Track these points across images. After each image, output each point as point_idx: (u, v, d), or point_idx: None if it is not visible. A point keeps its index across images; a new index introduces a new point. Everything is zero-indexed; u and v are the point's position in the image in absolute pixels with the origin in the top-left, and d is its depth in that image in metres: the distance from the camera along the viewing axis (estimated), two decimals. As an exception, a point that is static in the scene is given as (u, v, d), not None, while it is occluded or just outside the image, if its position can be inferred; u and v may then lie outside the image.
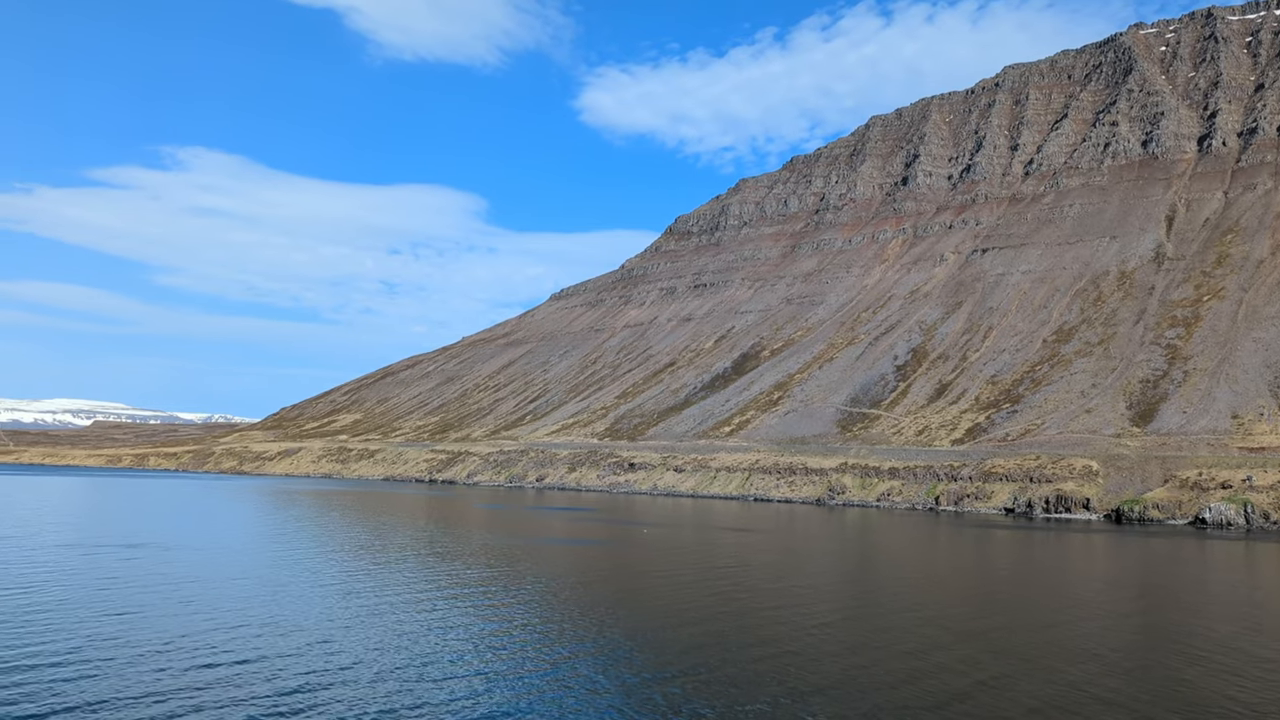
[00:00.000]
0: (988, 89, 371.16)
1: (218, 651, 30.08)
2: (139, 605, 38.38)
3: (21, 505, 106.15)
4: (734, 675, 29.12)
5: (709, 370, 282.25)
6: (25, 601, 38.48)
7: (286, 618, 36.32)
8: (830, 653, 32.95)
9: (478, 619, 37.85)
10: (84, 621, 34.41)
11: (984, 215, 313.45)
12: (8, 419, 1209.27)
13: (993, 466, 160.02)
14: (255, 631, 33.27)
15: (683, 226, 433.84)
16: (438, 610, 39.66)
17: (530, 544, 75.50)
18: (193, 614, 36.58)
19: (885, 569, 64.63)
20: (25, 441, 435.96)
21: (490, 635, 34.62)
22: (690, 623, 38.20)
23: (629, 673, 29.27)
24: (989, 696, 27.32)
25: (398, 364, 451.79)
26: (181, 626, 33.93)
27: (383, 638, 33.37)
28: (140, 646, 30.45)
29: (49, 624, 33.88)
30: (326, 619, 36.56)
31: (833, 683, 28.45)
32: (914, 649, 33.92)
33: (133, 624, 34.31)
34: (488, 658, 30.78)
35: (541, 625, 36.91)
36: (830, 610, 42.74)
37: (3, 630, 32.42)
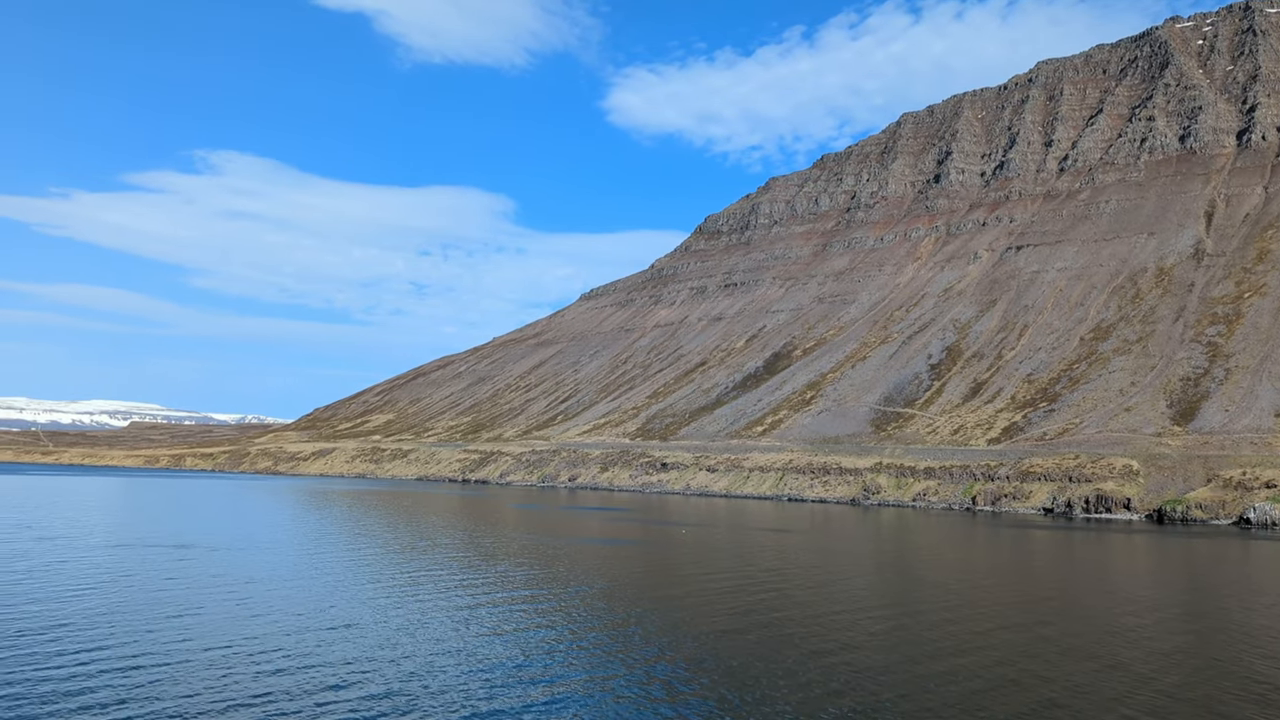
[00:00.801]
0: (1021, 85, 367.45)
1: (284, 655, 30.16)
2: (197, 606, 38.68)
3: (68, 505, 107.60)
4: (794, 683, 28.88)
5: (740, 370, 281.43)
6: (90, 605, 38.87)
7: (345, 620, 36.46)
8: (907, 659, 32.60)
9: (532, 622, 37.83)
10: (148, 623, 34.68)
11: (1018, 212, 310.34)
12: (46, 420, 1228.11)
13: (1030, 466, 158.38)
14: (317, 635, 33.34)
15: (712, 226, 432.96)
16: (490, 612, 39.70)
17: (572, 544, 75.51)
18: (253, 616, 36.80)
19: (934, 570, 63.99)
20: (65, 442, 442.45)
21: (547, 639, 34.57)
22: (749, 625, 37.98)
23: (692, 677, 29.09)
24: (1075, 698, 26.92)
25: (429, 364, 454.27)
26: (243, 629, 34.13)
27: (441, 641, 33.41)
28: (206, 650, 30.60)
29: (114, 626, 34.20)
30: (383, 621, 36.68)
31: (906, 688, 28.13)
32: (1002, 658, 33.52)
33: (194, 626, 34.56)
34: (549, 663, 30.73)
35: (596, 628, 36.82)
36: (889, 611, 42.35)
37: (72, 634, 32.67)
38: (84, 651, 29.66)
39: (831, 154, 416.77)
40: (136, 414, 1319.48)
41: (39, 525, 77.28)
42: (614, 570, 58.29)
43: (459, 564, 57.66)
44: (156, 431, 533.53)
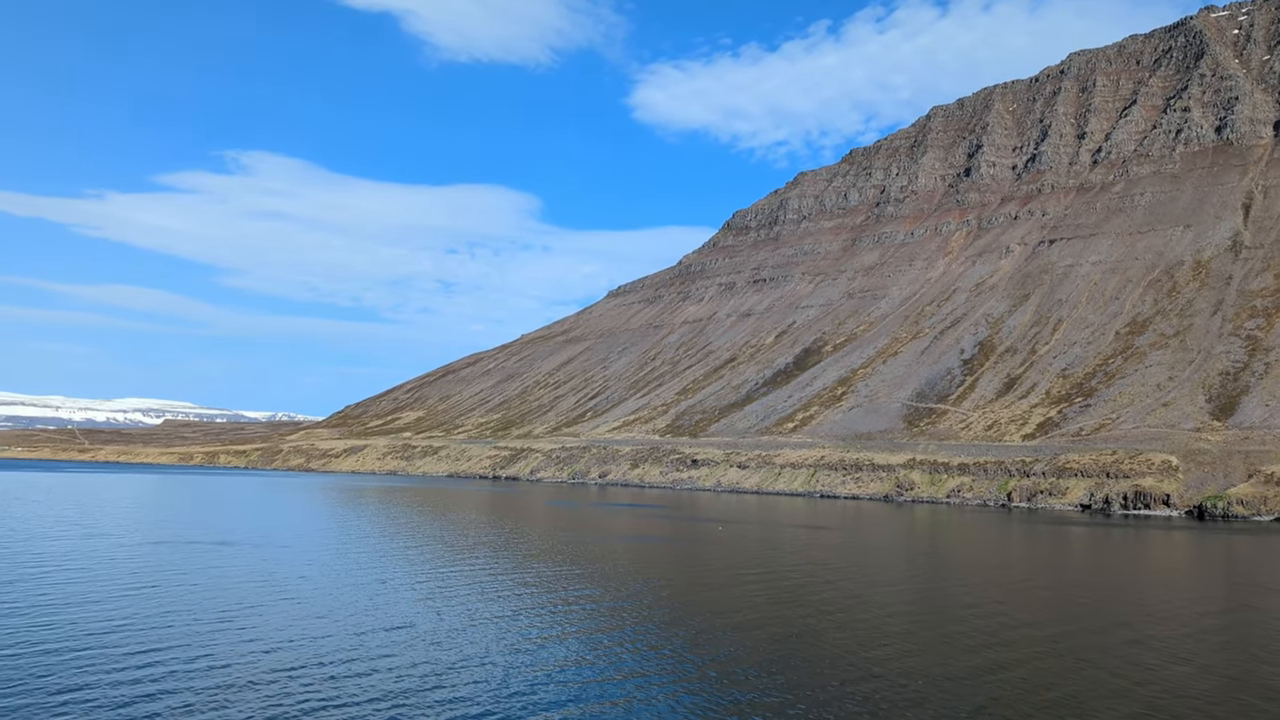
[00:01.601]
0: (1053, 76, 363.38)
1: (347, 654, 30.22)
2: (254, 605, 38.95)
3: (109, 502, 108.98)
4: (855, 691, 28.65)
5: (770, 366, 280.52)
6: (149, 604, 39.18)
7: (398, 618, 36.56)
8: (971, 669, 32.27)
9: (587, 625, 37.82)
10: (210, 623, 34.93)
11: (1051, 205, 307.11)
12: (82, 418, 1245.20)
13: (1067, 462, 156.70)
14: (374, 634, 33.40)
15: (740, 221, 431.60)
16: (543, 612, 39.74)
17: (613, 541, 75.56)
18: (309, 615, 36.97)
19: (978, 567, 63.41)
20: (100, 440, 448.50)
21: (605, 640, 34.52)
22: (798, 621, 37.78)
23: (746, 680, 28.93)
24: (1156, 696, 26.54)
25: (458, 362, 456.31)
26: (305, 629, 34.25)
27: (493, 640, 33.49)
28: (270, 652, 30.71)
29: (175, 625, 34.49)
30: (439, 621, 36.73)
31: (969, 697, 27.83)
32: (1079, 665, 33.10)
33: (256, 626, 34.77)
34: (603, 664, 30.66)
35: (645, 627, 36.74)
36: (944, 611, 41.98)
37: (136, 634, 32.86)
38: (151, 651, 29.80)
39: (860, 148, 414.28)
40: (169, 412, 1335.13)
41: (84, 522, 78.28)
42: (658, 567, 58.25)
43: (505, 562, 57.78)
44: (190, 429, 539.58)
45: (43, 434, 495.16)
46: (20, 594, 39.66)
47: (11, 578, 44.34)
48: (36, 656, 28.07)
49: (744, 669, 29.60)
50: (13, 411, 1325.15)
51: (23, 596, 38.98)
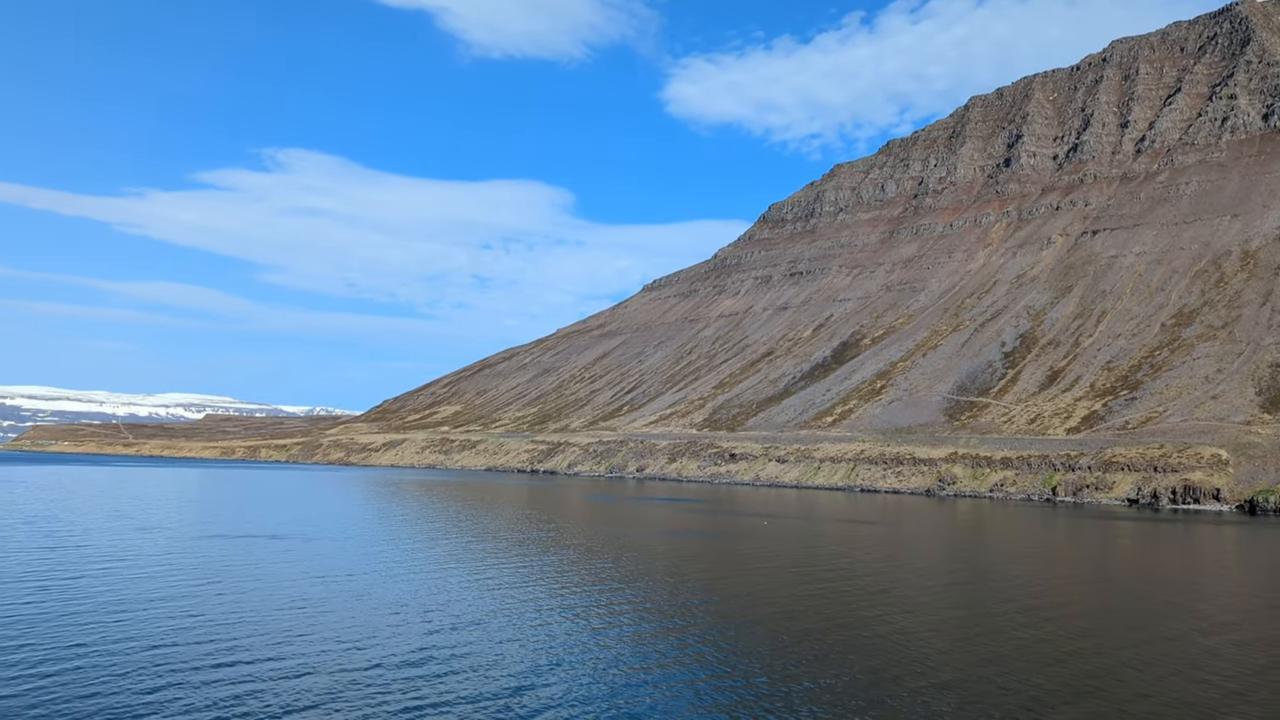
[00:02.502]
0: (1094, 65, 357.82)
1: (424, 653, 30.11)
2: (317, 599, 39.17)
3: (160, 496, 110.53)
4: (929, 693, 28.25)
5: (808, 359, 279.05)
6: (221, 600, 39.45)
7: (466, 616, 36.48)
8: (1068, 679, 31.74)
9: (646, 621, 37.67)
10: (279, 619, 35.12)
11: (1093, 195, 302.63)
12: (125, 413, 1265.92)
13: (1113, 456, 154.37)
14: (445, 632, 33.25)
15: (776, 214, 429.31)
16: (601, 609, 39.65)
17: (658, 536, 75.43)
18: (379, 612, 37.06)
19: (1037, 565, 62.52)
20: (144, 435, 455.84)
21: (663, 639, 34.34)
22: (857, 618, 37.39)
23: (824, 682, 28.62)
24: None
25: (494, 356, 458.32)
26: (373, 625, 34.32)
27: (563, 639, 33.44)
28: (347, 647, 30.76)
29: (246, 622, 34.73)
30: (502, 616, 36.76)
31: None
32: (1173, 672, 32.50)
33: (325, 621, 34.95)
34: (666, 664, 30.47)
35: (711, 627, 36.53)
36: (1020, 613, 41.39)
37: (212, 630, 33.11)
38: (230, 650, 29.85)
39: (897, 139, 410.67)
40: (210, 406, 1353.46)
41: (136, 516, 79.35)
42: (714, 562, 58.11)
43: (558, 557, 57.81)
44: (231, 423, 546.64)
45: (88, 428, 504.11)
46: (91, 590, 40.18)
47: (78, 573, 44.97)
48: (121, 656, 28.16)
49: (814, 666, 29.30)
50: (59, 406, 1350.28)
51: (94, 593, 39.46)
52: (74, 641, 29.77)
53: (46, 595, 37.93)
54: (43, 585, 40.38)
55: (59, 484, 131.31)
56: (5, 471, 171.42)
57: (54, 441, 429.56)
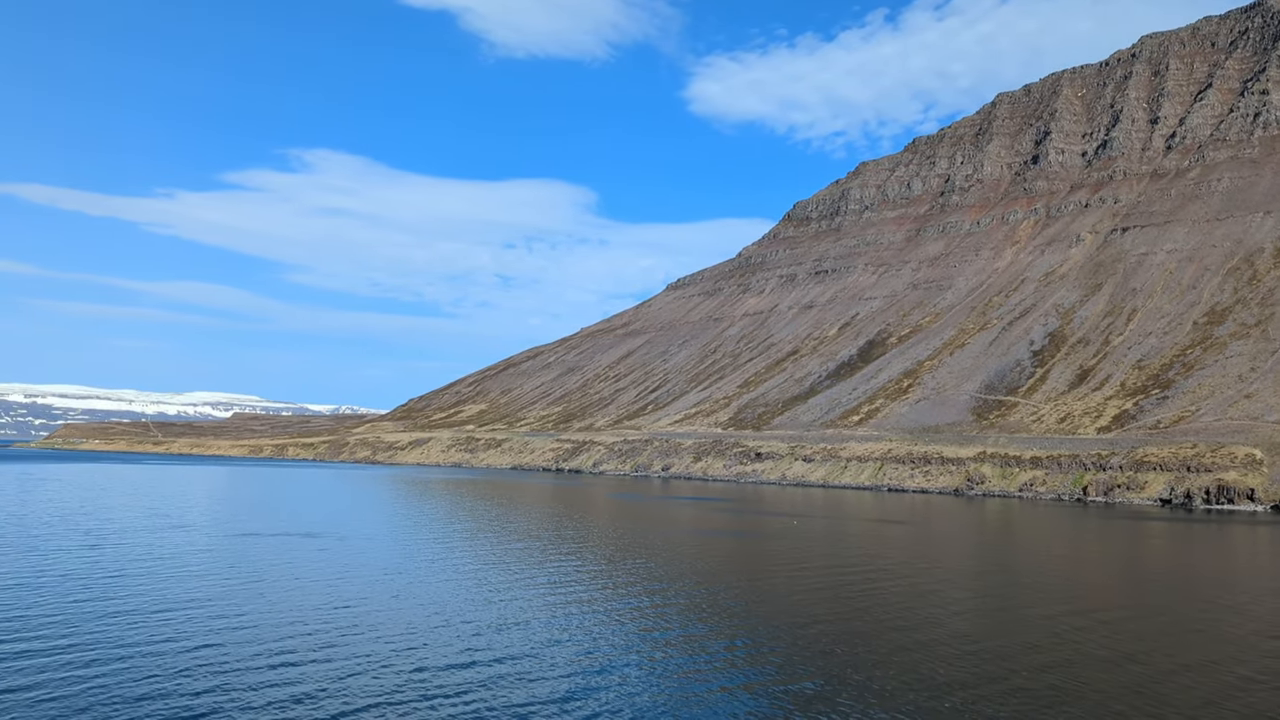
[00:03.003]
0: (1123, 60, 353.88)
1: (470, 654, 30.08)
2: (358, 599, 39.27)
3: (192, 495, 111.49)
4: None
5: (834, 358, 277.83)
6: (261, 600, 39.58)
7: (505, 616, 36.48)
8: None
9: (692, 624, 37.57)
10: (323, 619, 35.24)
11: (1123, 192, 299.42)
12: (154, 411, 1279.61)
13: (1145, 455, 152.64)
14: (490, 633, 33.18)
15: (801, 212, 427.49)
16: (641, 610, 39.57)
17: (691, 536, 75.34)
18: (414, 609, 37.19)
19: (1079, 566, 61.87)
20: (173, 433, 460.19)
21: (711, 642, 34.23)
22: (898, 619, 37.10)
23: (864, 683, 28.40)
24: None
25: (519, 355, 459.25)
26: (408, 622, 34.45)
27: (607, 643, 33.36)
28: (384, 644, 30.82)
29: (290, 621, 34.92)
30: (543, 617, 36.76)
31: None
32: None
33: (362, 619, 35.08)
34: (717, 668, 30.35)
35: (756, 629, 36.37)
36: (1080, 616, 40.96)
37: (258, 628, 33.28)
38: (278, 649, 29.94)
39: (923, 137, 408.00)
40: (237, 405, 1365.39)
41: (172, 514, 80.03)
42: (747, 563, 57.98)
43: (594, 558, 57.74)
44: (258, 422, 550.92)
45: (118, 427, 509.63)
46: (134, 589, 40.49)
47: (119, 571, 45.38)
48: (171, 656, 28.21)
49: (853, 668, 29.09)
50: (89, 405, 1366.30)
51: (138, 592, 39.76)
52: (123, 641, 29.95)
53: (90, 593, 38.28)
54: (86, 583, 40.76)
55: (93, 481, 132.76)
56: (41, 469, 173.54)
57: (85, 440, 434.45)
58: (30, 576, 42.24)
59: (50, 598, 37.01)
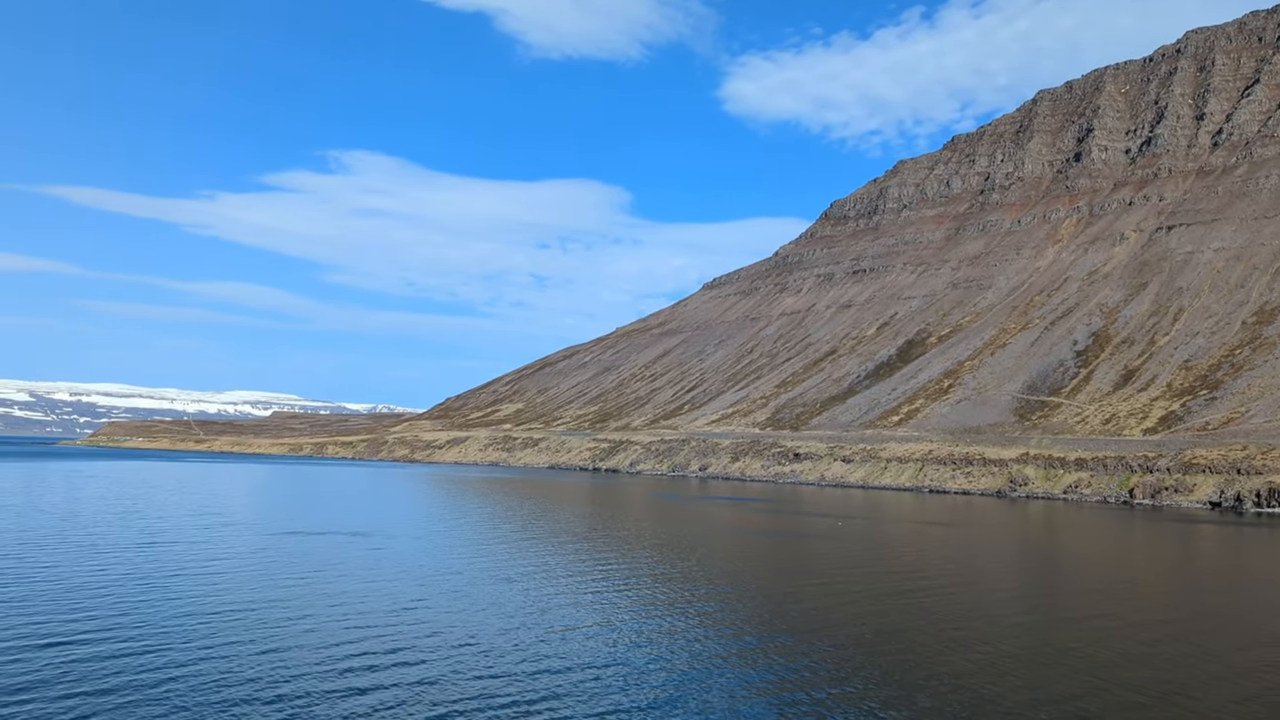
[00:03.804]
0: (1168, 56, 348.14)
1: (537, 659, 29.93)
2: (418, 600, 39.28)
3: (238, 492, 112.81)
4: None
5: (872, 358, 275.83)
6: (322, 600, 39.56)
7: (568, 621, 36.27)
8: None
9: (765, 632, 37.29)
10: (382, 617, 35.29)
11: (1168, 190, 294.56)
12: (195, 410, 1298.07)
13: (1193, 457, 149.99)
14: (551, 640, 32.95)
15: (838, 211, 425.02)
16: (708, 618, 39.32)
17: (743, 537, 75.05)
18: (477, 611, 37.11)
19: (1141, 572, 60.81)
20: (214, 431, 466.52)
21: (785, 655, 33.93)
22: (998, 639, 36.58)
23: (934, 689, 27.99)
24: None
25: (555, 355, 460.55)
26: (471, 625, 34.35)
27: (682, 652, 33.14)
28: (452, 647, 30.70)
29: (352, 620, 35.04)
30: (608, 624, 36.56)
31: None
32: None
33: (428, 619, 35.08)
34: (802, 683, 30.05)
35: (829, 640, 36.01)
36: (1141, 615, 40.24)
37: (322, 628, 33.38)
38: (346, 649, 29.92)
39: (962, 135, 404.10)
40: (276, 404, 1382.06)
41: (219, 512, 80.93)
42: (804, 566, 57.56)
43: (648, 559, 57.52)
44: (297, 420, 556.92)
45: (161, 425, 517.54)
46: (195, 590, 40.79)
47: (180, 570, 45.85)
48: (242, 660, 28.18)
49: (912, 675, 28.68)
50: (132, 403, 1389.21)
51: (198, 592, 40.02)
52: (195, 643, 30.06)
53: (155, 593, 38.62)
54: (149, 583, 41.14)
55: (141, 479, 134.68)
56: (89, 466, 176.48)
57: (129, 438, 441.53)
58: (93, 575, 42.75)
59: (116, 598, 37.37)
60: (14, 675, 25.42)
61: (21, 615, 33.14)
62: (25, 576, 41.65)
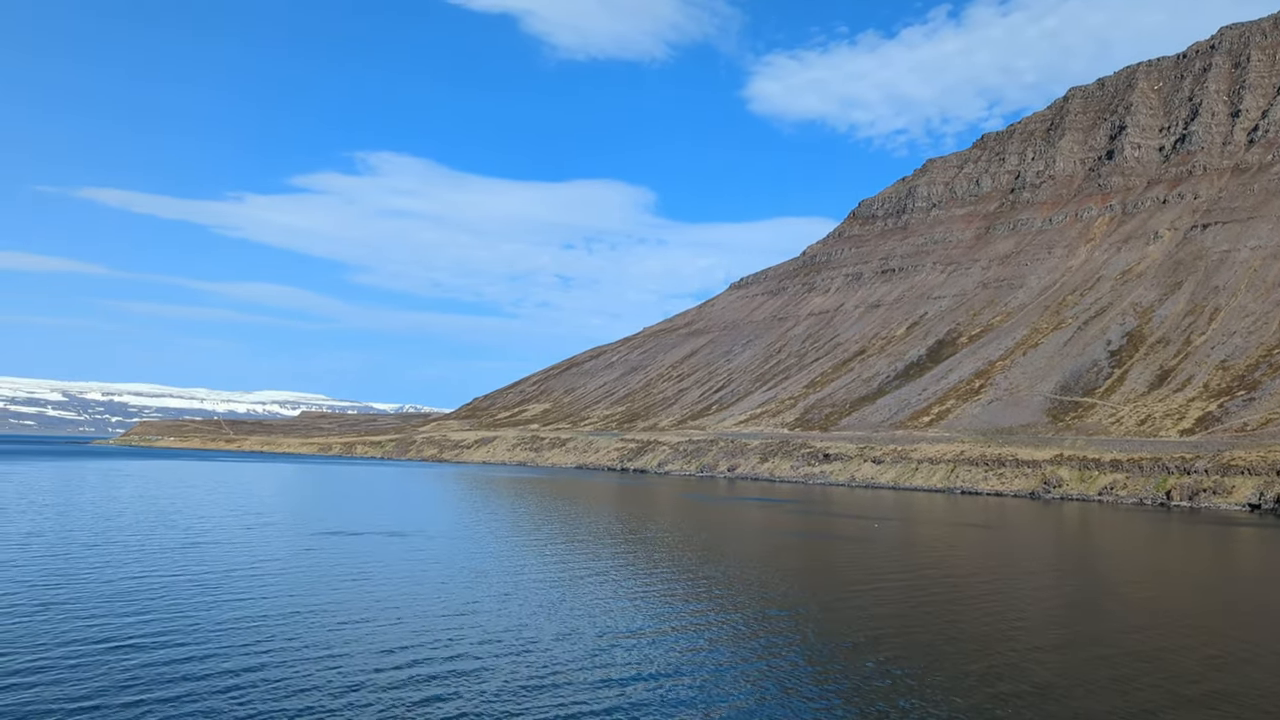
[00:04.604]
0: (1202, 52, 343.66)
1: (605, 664, 29.75)
2: (472, 602, 39.30)
3: (273, 492, 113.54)
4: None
5: (902, 358, 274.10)
6: (378, 607, 39.44)
7: (622, 625, 36.06)
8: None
9: (813, 632, 37.02)
10: (443, 620, 35.31)
11: (1203, 188, 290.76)
12: (224, 409, 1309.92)
13: (1231, 459, 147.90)
14: (610, 649, 32.57)
15: (867, 210, 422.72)
16: (766, 623, 39.10)
17: (788, 539, 74.65)
18: (532, 614, 37.09)
19: (1194, 577, 59.97)
20: (244, 431, 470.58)
21: (858, 670, 33.66)
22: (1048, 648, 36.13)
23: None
24: None
25: (581, 355, 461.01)
26: (532, 629, 34.20)
27: (745, 662, 32.94)
28: (518, 654, 30.56)
29: (408, 623, 35.07)
30: (662, 625, 36.48)
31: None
32: None
33: (483, 623, 35.04)
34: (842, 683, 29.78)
35: (897, 651, 35.71)
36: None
37: (380, 632, 33.33)
38: (411, 660, 29.76)
39: (992, 133, 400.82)
40: (304, 404, 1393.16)
41: (258, 511, 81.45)
42: (852, 569, 57.20)
43: (688, 562, 57.31)
44: (325, 420, 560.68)
45: (191, 424, 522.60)
46: (248, 591, 40.96)
47: (229, 571, 46.08)
48: (307, 664, 28.22)
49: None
50: (162, 403, 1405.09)
51: (252, 594, 40.18)
52: (256, 647, 30.10)
53: (205, 595, 38.78)
54: (198, 585, 41.32)
55: (178, 478, 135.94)
56: (125, 465, 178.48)
57: (160, 437, 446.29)
58: (145, 576, 43.03)
59: (170, 599, 37.57)
60: (84, 680, 25.51)
61: (81, 618, 33.35)
62: (78, 577, 42.01)
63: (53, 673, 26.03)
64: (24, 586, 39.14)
